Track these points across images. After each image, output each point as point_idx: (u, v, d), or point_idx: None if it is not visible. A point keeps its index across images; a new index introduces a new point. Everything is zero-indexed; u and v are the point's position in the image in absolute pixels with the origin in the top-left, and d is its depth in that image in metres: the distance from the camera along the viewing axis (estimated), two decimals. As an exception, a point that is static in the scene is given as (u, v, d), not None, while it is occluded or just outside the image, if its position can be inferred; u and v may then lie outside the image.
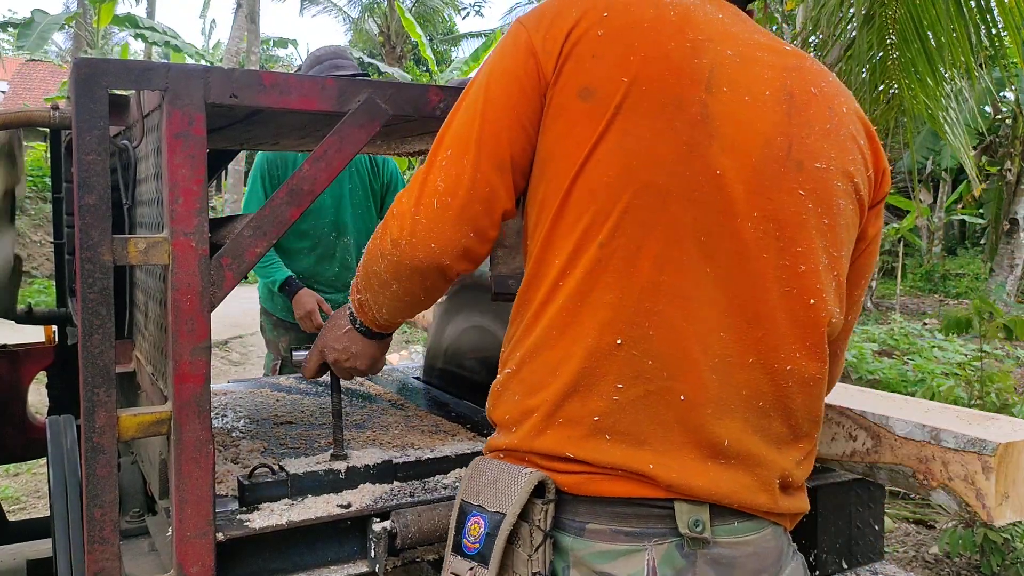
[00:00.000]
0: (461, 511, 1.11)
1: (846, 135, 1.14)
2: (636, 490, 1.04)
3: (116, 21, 15.59)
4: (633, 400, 1.04)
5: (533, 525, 1.04)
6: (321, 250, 3.34)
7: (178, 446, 1.21)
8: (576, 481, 1.05)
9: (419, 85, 1.39)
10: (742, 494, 1.06)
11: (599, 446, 1.04)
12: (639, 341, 1.03)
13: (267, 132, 1.76)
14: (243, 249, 1.26)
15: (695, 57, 1.05)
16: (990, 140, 13.47)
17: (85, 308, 1.16)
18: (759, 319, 1.06)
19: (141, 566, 1.45)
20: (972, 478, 1.26)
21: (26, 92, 23.45)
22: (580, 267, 1.04)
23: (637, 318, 1.03)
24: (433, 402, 2.14)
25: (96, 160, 1.16)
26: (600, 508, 1.05)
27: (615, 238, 1.03)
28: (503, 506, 1.05)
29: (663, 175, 1.03)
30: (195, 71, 1.20)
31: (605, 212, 1.03)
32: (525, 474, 1.06)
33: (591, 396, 1.04)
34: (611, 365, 1.04)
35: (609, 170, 1.03)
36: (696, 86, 1.05)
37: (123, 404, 1.40)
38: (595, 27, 1.06)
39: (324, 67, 3.08)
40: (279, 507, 1.35)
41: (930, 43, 4.65)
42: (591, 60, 1.05)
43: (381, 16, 23.28)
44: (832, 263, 1.12)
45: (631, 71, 1.04)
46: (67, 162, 2.20)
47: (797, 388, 1.10)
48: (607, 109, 1.03)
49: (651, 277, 1.03)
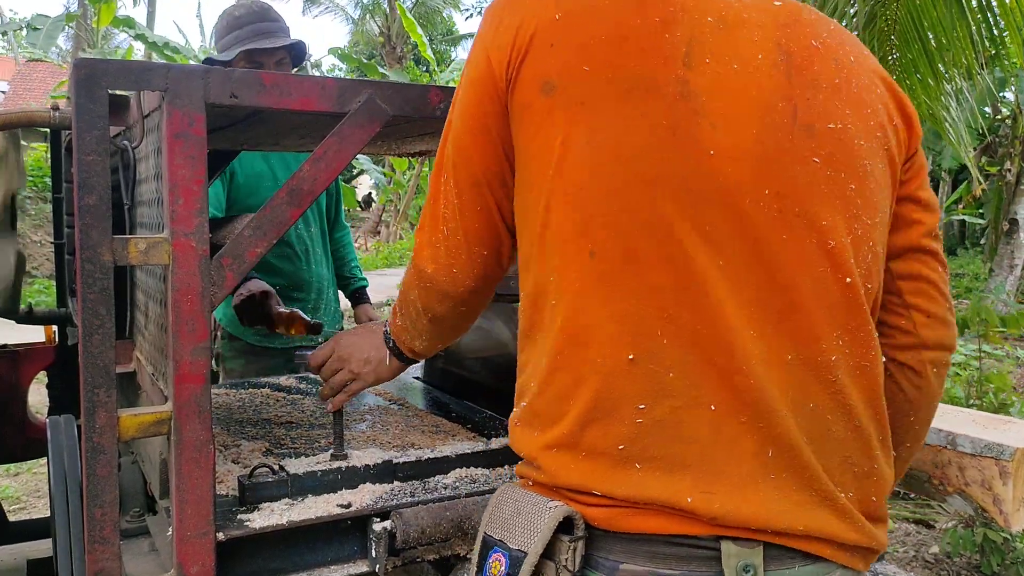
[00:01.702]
0: (484, 545, 1.01)
1: (860, 87, 1.00)
2: (675, 526, 0.91)
3: (115, 23, 15.60)
4: (659, 420, 0.92)
5: (560, 565, 0.93)
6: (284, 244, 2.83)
7: (178, 446, 1.21)
8: (607, 516, 0.93)
9: (419, 85, 1.39)
10: (800, 517, 0.92)
11: (628, 478, 0.92)
12: (654, 353, 0.92)
13: (267, 132, 1.77)
14: (243, 249, 1.26)
15: (665, 32, 0.94)
16: (990, 140, 13.46)
17: (85, 308, 1.17)
18: (789, 310, 0.94)
19: (141, 566, 1.45)
20: (989, 483, 1.23)
21: (26, 92, 23.43)
22: (575, 281, 0.95)
23: (647, 328, 0.92)
24: (433, 402, 2.14)
25: (96, 160, 1.16)
26: (636, 546, 0.93)
27: (605, 245, 0.93)
28: (525, 544, 0.94)
29: (646, 167, 0.92)
30: (195, 71, 1.20)
31: (588, 218, 0.93)
32: (550, 508, 0.94)
33: (611, 422, 0.93)
34: (628, 384, 0.92)
35: (583, 171, 0.94)
36: (670, 63, 0.93)
37: (123, 404, 1.40)
38: (550, 11, 0.96)
39: (245, 34, 2.45)
40: (279, 507, 1.35)
41: (931, 44, 4.64)
42: (548, 50, 0.96)
43: (382, 16, 23.28)
44: (867, 233, 0.98)
45: (591, 58, 0.94)
46: (67, 162, 2.20)
47: (850, 381, 0.96)
48: (570, 103, 0.94)
49: (653, 282, 0.92)
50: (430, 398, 2.19)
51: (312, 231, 2.88)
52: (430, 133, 1.71)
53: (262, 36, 2.43)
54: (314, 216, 2.89)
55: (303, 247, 2.81)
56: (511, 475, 1.53)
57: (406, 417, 1.94)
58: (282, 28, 2.51)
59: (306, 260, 2.82)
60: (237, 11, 2.51)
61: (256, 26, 2.44)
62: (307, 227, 2.85)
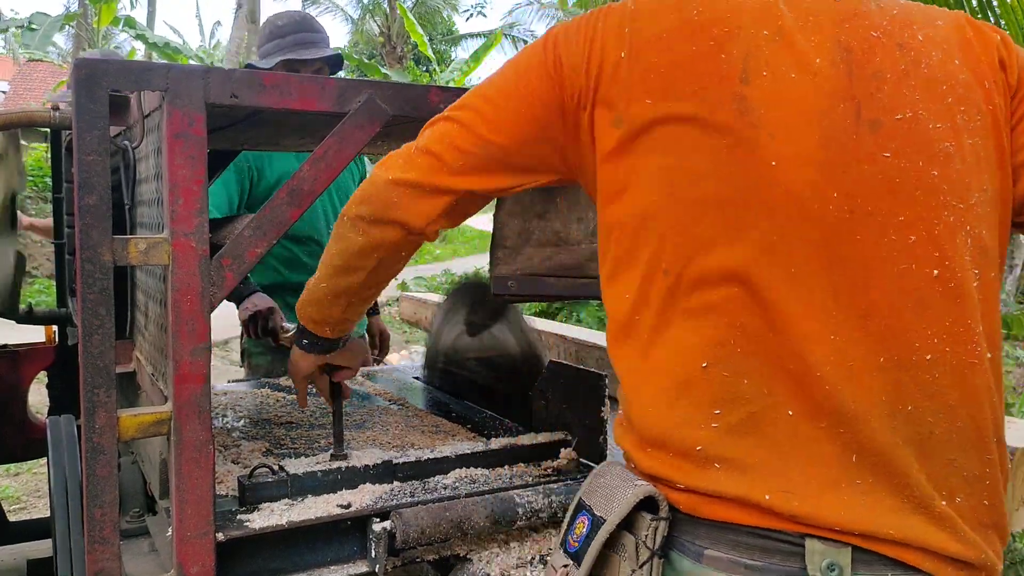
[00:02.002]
0: (576, 507, 1.06)
1: (931, 65, 0.98)
2: (755, 519, 0.93)
3: (115, 23, 15.60)
4: (735, 425, 0.94)
5: (640, 540, 0.97)
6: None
7: (178, 446, 1.21)
8: (692, 502, 0.96)
9: (419, 85, 1.39)
10: (889, 522, 0.90)
11: (707, 475, 0.95)
12: (726, 361, 0.95)
13: (267, 132, 1.77)
14: (243, 249, 1.26)
15: (720, 52, 0.97)
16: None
17: (85, 308, 1.17)
18: (872, 312, 0.93)
19: (141, 566, 1.45)
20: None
21: (26, 92, 23.43)
22: (653, 296, 0.99)
23: (719, 337, 0.95)
24: (433, 402, 2.14)
25: (96, 160, 1.16)
26: (720, 534, 0.95)
27: (678, 262, 0.97)
28: (607, 512, 0.99)
29: (711, 186, 0.95)
30: (195, 71, 1.20)
31: (662, 238, 0.98)
32: (636, 485, 0.99)
33: (689, 427, 0.96)
34: (703, 391, 0.96)
35: (654, 195, 0.98)
36: (727, 82, 0.96)
37: (123, 404, 1.40)
38: (618, 48, 1.02)
39: (287, 43, 2.53)
40: (279, 507, 1.35)
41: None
42: (615, 85, 1.01)
43: (382, 16, 23.29)
44: (960, 219, 0.96)
45: (652, 90, 0.99)
46: (67, 162, 2.20)
47: (952, 381, 0.94)
48: (637, 133, 0.99)
49: (723, 293, 0.95)
50: (430, 398, 2.19)
51: None
52: (430, 133, 1.71)
53: (302, 46, 2.49)
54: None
55: None
56: (511, 475, 1.53)
57: (406, 417, 1.94)
58: (322, 39, 2.55)
59: None
60: (280, 20, 2.57)
61: (297, 36, 2.50)
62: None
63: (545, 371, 1.74)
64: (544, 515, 1.42)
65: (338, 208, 2.84)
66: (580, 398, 1.62)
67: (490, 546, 1.42)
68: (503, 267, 1.52)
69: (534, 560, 1.39)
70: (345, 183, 2.88)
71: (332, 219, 2.81)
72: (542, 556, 1.41)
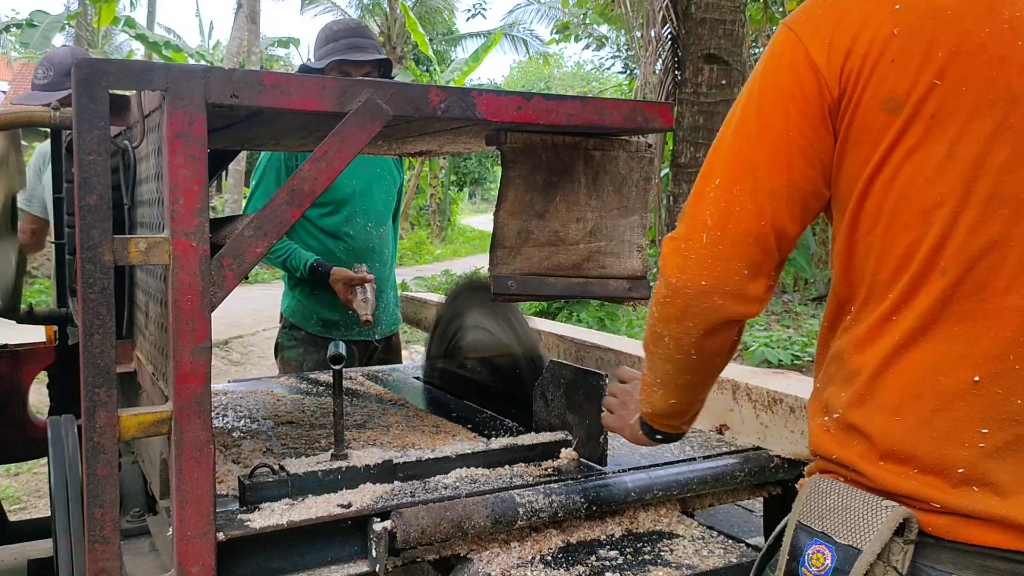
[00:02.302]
0: (798, 534, 0.98)
1: None
2: (1016, 543, 0.90)
3: (115, 22, 15.60)
4: (1002, 447, 0.90)
5: (888, 565, 0.91)
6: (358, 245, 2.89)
7: (179, 446, 1.21)
8: (947, 524, 0.92)
9: (419, 85, 1.39)
10: None
11: (965, 495, 0.91)
12: (1002, 377, 0.90)
13: (268, 132, 1.77)
14: (244, 249, 1.26)
15: (1017, 39, 0.91)
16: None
17: (86, 308, 1.17)
18: None
19: (141, 566, 1.45)
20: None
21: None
22: (921, 297, 0.93)
23: (997, 351, 0.90)
24: (433, 402, 2.14)
25: (97, 160, 1.16)
26: (967, 559, 0.91)
27: (964, 264, 0.91)
28: (858, 540, 0.92)
29: (1012, 182, 0.89)
30: (195, 71, 1.20)
31: (943, 234, 0.91)
32: (887, 508, 0.92)
33: (950, 444, 0.91)
34: (971, 407, 0.91)
35: (939, 186, 0.91)
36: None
37: (124, 404, 1.40)
38: (887, 25, 0.93)
39: (340, 46, 2.68)
40: (280, 507, 1.35)
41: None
42: (889, 66, 0.93)
43: (382, 16, 23.29)
44: None
45: (941, 70, 0.91)
46: (67, 162, 2.20)
47: None
48: (920, 118, 0.92)
49: (1009, 303, 0.90)
50: (430, 398, 2.19)
51: (382, 232, 2.93)
52: (430, 133, 1.71)
53: (353, 50, 2.67)
54: (384, 217, 2.95)
55: (369, 245, 2.87)
56: (511, 475, 1.53)
57: (406, 417, 1.94)
58: (372, 45, 2.76)
59: (368, 259, 2.84)
60: (335, 26, 2.77)
61: (350, 40, 2.69)
62: (377, 226, 2.92)
63: (545, 371, 1.74)
64: (544, 515, 1.42)
65: (375, 207, 2.90)
66: (580, 398, 1.63)
67: (490, 546, 1.42)
68: (503, 267, 1.52)
69: (534, 560, 1.39)
70: (385, 181, 2.95)
71: (368, 217, 2.88)
72: (542, 556, 1.41)
